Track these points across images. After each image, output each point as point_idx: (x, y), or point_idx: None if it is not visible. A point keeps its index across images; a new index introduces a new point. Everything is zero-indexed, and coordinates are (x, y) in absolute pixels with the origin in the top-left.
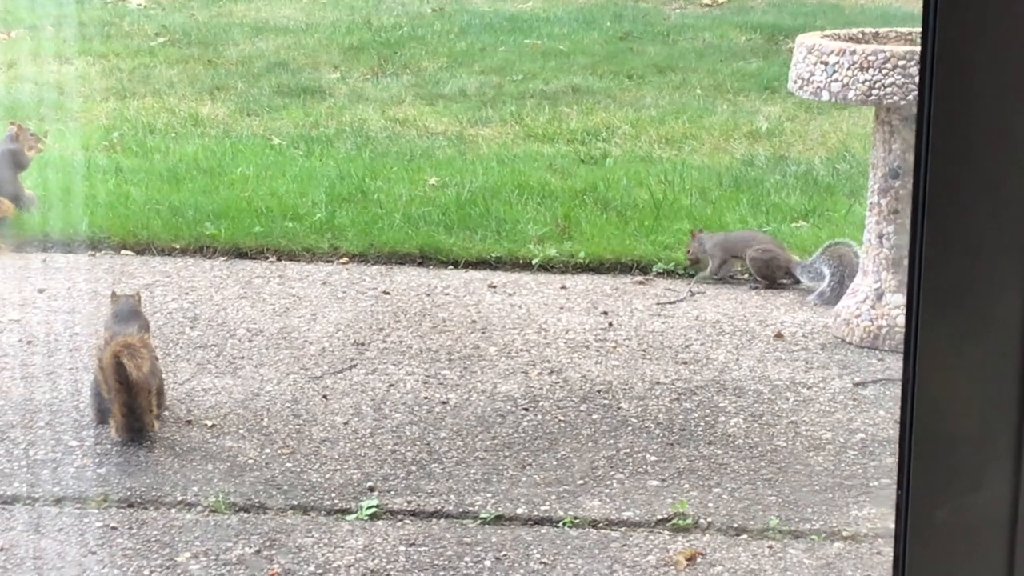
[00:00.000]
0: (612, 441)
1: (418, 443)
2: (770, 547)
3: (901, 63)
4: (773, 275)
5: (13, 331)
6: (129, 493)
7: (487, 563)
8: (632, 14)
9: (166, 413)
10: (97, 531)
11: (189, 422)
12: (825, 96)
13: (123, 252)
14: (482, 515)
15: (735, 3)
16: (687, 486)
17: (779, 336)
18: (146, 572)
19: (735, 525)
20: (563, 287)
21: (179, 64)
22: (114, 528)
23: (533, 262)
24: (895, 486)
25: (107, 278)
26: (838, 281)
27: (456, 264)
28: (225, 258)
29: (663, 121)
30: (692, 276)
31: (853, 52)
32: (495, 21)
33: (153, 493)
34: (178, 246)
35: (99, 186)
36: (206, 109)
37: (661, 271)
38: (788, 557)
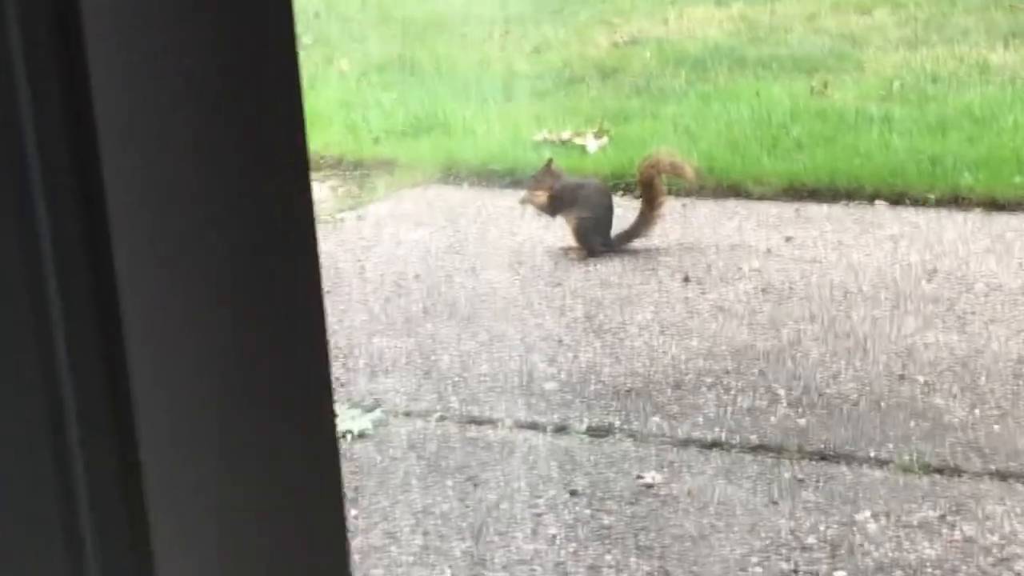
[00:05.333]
0: None
1: None
2: None
3: None
4: None
5: (752, 279)
6: (823, 446)
7: None
8: None
9: (879, 368)
10: (784, 482)
11: (902, 377)
12: None
13: (876, 202)
14: None
15: None
16: None
17: None
18: (821, 528)
19: None
20: None
21: (977, 11)
22: (801, 480)
23: None
24: None
25: (855, 228)
26: None
27: None
28: (980, 210)
29: None
30: None
31: None
32: None
33: (847, 447)
34: (932, 196)
35: (862, 136)
36: (996, 56)
37: None
38: None
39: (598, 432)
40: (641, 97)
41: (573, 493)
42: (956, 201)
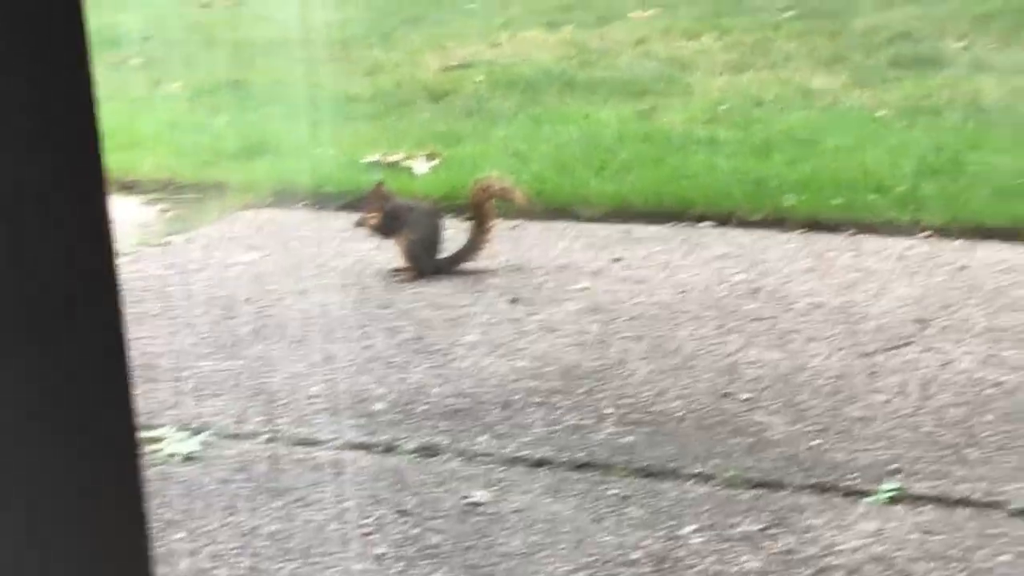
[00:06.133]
0: None
1: (959, 426)
2: None
3: None
4: None
5: (580, 299)
6: (650, 463)
7: (1005, 557)
8: None
9: (705, 385)
10: (610, 499)
11: (726, 395)
12: None
13: (703, 223)
14: (1012, 506)
15: None
16: None
17: None
18: (647, 543)
19: None
20: None
21: (801, 37)
22: (627, 497)
23: None
24: None
25: (682, 248)
26: None
27: None
28: (802, 230)
29: None
30: None
31: None
32: None
33: (672, 464)
34: (757, 217)
35: (689, 158)
36: (819, 81)
37: None
38: None
39: (426, 452)
40: (472, 120)
41: (403, 513)
42: (779, 222)
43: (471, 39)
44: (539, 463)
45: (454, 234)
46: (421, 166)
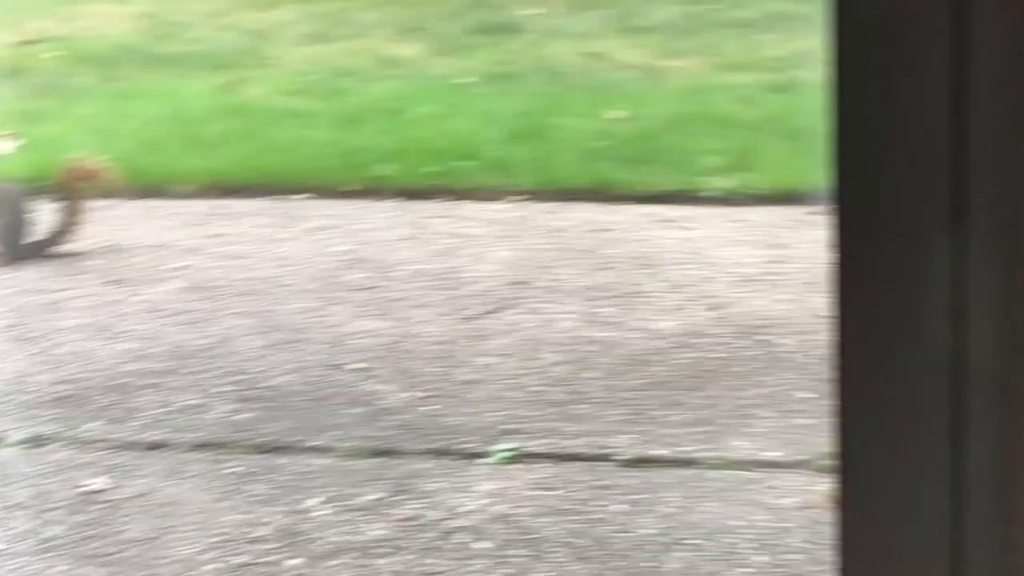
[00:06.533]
0: (767, 379)
1: (565, 384)
2: None
3: None
4: None
5: (181, 278)
6: (268, 439)
7: (620, 507)
8: None
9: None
10: (231, 477)
11: (336, 366)
12: None
13: (299, 195)
14: (620, 457)
15: None
16: None
17: None
18: (272, 519)
19: None
20: (738, 220)
21: (380, 6)
22: (248, 474)
23: (709, 195)
24: None
25: (281, 222)
26: None
27: (630, 199)
28: (397, 199)
29: None
30: None
31: None
32: None
33: (291, 438)
34: (350, 188)
35: (279, 131)
36: (400, 50)
37: None
38: None
39: (35, 442)
40: (50, 98)
41: (16, 507)
42: (375, 191)
43: (40, 13)
44: (155, 446)
45: (44, 217)
46: (2, 147)
